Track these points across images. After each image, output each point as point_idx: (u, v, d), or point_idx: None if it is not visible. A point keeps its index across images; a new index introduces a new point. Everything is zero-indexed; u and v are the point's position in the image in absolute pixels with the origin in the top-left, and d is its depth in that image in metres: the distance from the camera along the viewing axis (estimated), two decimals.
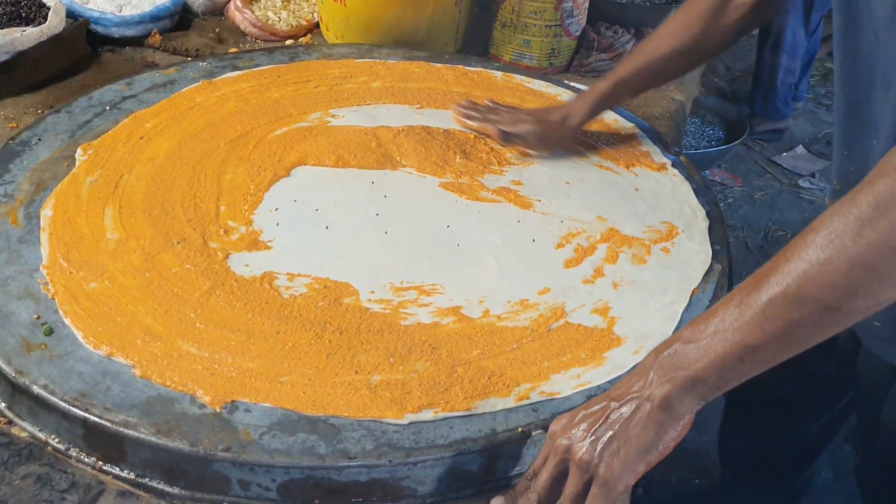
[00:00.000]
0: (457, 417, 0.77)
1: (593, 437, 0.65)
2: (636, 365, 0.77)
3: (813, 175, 3.24)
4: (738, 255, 2.72)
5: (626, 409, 0.65)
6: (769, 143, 3.42)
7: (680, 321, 0.89)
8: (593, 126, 1.27)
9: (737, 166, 3.26)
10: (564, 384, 0.82)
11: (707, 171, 3.04)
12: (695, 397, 0.64)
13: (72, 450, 0.75)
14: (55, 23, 1.37)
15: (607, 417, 0.66)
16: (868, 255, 0.58)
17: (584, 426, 0.66)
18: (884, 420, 1.06)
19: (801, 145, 3.42)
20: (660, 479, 1.80)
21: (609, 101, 1.18)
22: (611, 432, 0.65)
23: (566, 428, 0.68)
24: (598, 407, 0.67)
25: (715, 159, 3.02)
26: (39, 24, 1.36)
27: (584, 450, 0.65)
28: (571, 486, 0.66)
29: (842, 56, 0.90)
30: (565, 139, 1.19)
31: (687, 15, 1.10)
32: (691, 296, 0.94)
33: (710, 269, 0.98)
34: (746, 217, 2.95)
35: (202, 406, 0.76)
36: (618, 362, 0.84)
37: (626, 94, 1.19)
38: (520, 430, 0.76)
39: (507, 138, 1.18)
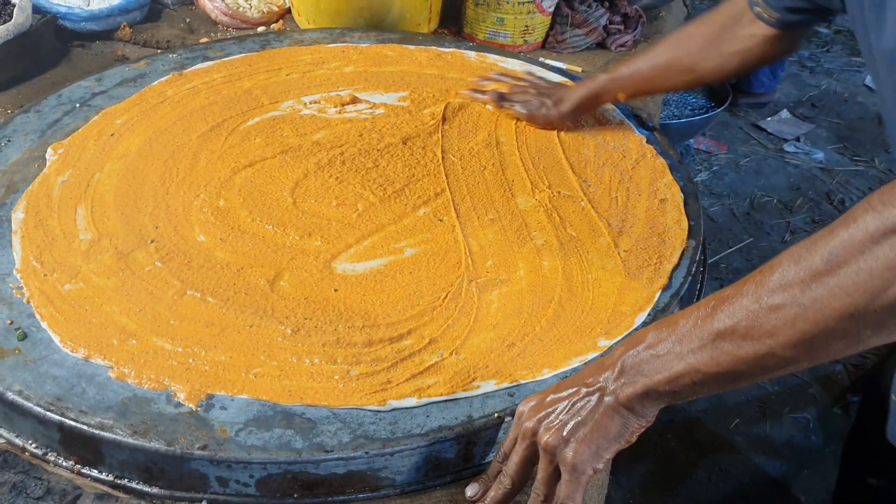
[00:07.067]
0: (434, 404, 0.77)
1: (560, 423, 0.66)
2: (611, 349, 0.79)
3: (798, 139, 3.23)
4: (724, 222, 2.72)
5: (593, 399, 0.66)
6: (753, 109, 3.41)
7: (655, 301, 0.90)
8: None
9: (721, 133, 3.25)
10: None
11: (691, 140, 3.03)
12: (654, 402, 0.64)
13: (49, 454, 0.75)
14: (21, 20, 1.35)
15: (573, 404, 0.66)
16: (815, 312, 0.54)
17: (551, 411, 0.67)
18: None
19: (785, 109, 3.41)
20: None
21: (603, 94, 1.19)
22: (577, 419, 0.65)
23: (534, 410, 0.68)
24: (566, 392, 0.67)
25: (699, 128, 3.00)
26: (5, 21, 1.35)
27: (550, 435, 0.65)
28: (542, 469, 0.67)
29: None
30: (552, 121, 1.21)
31: (691, 31, 1.10)
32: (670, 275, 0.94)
33: (685, 245, 0.98)
34: (732, 184, 2.95)
35: (178, 405, 0.76)
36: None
37: (621, 92, 1.18)
38: (496, 415, 0.76)
39: (500, 102, 1.24)
